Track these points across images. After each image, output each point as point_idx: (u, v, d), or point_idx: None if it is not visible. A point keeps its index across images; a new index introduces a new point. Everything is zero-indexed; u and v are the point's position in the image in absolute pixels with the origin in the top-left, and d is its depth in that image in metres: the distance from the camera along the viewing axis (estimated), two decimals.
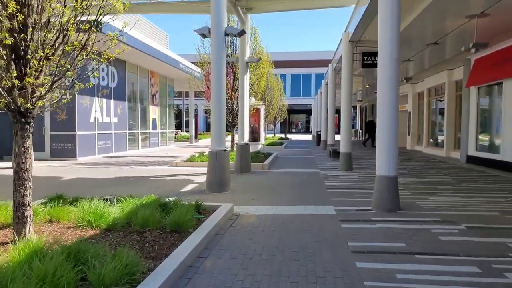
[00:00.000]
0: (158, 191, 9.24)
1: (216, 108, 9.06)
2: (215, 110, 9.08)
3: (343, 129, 13.76)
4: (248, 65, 12.93)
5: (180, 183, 10.61)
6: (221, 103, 9.09)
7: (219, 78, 9.03)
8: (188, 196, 8.54)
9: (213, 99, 9.08)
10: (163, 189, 9.61)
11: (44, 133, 16.75)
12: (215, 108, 9.07)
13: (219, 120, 9.10)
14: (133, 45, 18.20)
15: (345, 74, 13.59)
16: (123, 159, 17.72)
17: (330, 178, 11.82)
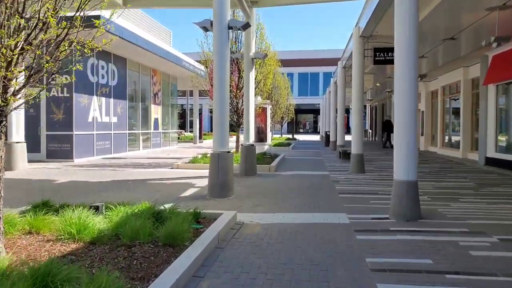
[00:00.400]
0: (155, 196, 8.57)
1: (219, 106, 8.38)
2: (217, 109, 8.39)
3: (355, 129, 13.02)
4: (254, 61, 12.23)
5: (180, 187, 9.92)
6: (224, 101, 8.40)
7: (222, 75, 8.34)
8: (188, 202, 7.86)
9: (216, 97, 8.40)
10: (161, 193, 8.93)
11: (40, 133, 16.13)
12: (218, 106, 8.38)
13: (222, 120, 8.41)
14: (133, 41, 17.56)
15: (356, 71, 12.86)
16: (123, 160, 17.08)
17: (341, 181, 11.09)
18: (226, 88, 8.40)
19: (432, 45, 13.63)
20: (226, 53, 8.33)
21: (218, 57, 8.32)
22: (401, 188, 6.60)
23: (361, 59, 12.75)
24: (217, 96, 8.35)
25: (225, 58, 8.32)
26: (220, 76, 8.31)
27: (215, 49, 8.37)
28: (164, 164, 15.52)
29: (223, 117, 8.39)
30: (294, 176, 12.11)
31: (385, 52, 13.08)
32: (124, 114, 20.56)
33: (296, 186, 10.20)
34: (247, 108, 12.13)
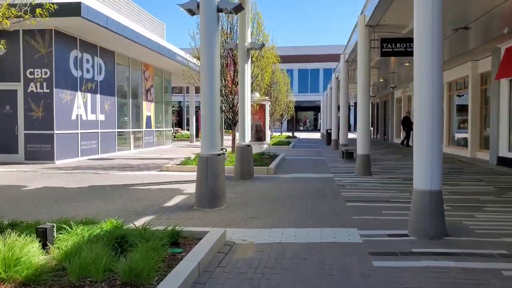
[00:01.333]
0: (134, 206, 7.43)
1: (208, 101, 7.23)
2: (206, 104, 7.25)
3: (361, 127, 11.87)
4: (250, 52, 11.06)
5: (165, 194, 8.76)
6: (213, 95, 7.25)
7: (211, 64, 7.20)
8: (171, 214, 6.73)
9: (204, 90, 7.26)
10: (142, 203, 7.78)
11: (17, 132, 14.92)
12: (206, 101, 7.24)
13: (211, 117, 7.26)
14: (120, 32, 16.39)
15: (362, 64, 11.70)
16: (109, 162, 15.91)
17: (347, 186, 9.94)
18: (216, 80, 7.25)
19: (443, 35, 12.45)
20: (215, 39, 7.17)
21: (206, 43, 7.17)
22: (423, 200, 5.45)
23: (367, 50, 11.59)
24: (205, 88, 7.21)
25: (214, 44, 7.17)
26: (208, 65, 7.17)
27: (202, 35, 7.21)
28: (154, 166, 14.37)
29: (212, 114, 7.25)
30: (295, 180, 10.98)
31: (393, 43, 11.92)
32: (112, 111, 19.37)
33: (297, 192, 9.05)
34: (242, 104, 10.96)
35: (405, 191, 9.03)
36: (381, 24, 11.51)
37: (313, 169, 13.54)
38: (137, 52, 20.23)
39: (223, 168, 7.52)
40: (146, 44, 18.95)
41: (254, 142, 20.72)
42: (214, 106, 7.24)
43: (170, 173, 12.46)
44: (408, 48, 11.79)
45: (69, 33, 15.76)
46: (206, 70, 7.18)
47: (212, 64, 7.18)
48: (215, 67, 7.21)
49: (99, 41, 17.64)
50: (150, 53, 20.59)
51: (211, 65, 7.16)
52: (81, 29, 15.49)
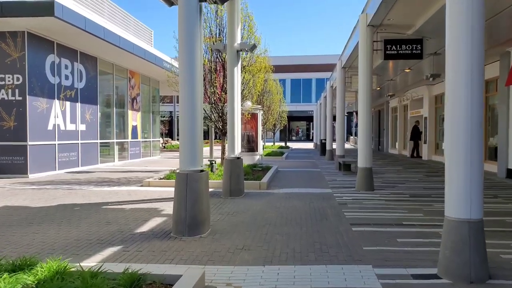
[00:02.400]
0: (101, 232, 6.21)
1: (187, 108, 6.04)
2: (184, 111, 6.06)
3: (362, 137, 10.72)
4: (239, 54, 9.91)
5: (140, 216, 7.52)
6: (194, 100, 6.06)
7: (191, 63, 6.02)
8: (142, 244, 5.51)
9: (182, 95, 6.08)
10: (111, 228, 6.54)
11: None
12: (185, 108, 6.05)
13: (192, 126, 6.07)
14: (100, 35, 15.24)
15: (363, 68, 10.58)
16: (88, 175, 14.63)
17: (349, 204, 8.76)
18: (197, 81, 6.06)
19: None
20: (195, 32, 5.99)
21: (185, 38, 5.99)
22: (459, 232, 4.25)
23: (369, 52, 10.48)
24: (184, 92, 6.03)
25: (194, 39, 5.99)
26: (187, 64, 5.99)
27: (180, 28, 6.01)
28: (135, 180, 13.11)
29: (193, 122, 6.06)
30: (291, 196, 9.78)
31: (397, 45, 10.84)
32: (94, 121, 18.12)
33: (294, 212, 7.84)
34: (231, 112, 9.78)
35: (416, 211, 7.88)
36: (384, 24, 10.44)
37: (310, 183, 12.36)
38: (121, 58, 19.06)
39: (207, 187, 6.32)
40: (131, 49, 17.79)
41: (246, 153, 19.51)
42: (195, 113, 6.05)
43: (151, 188, 11.22)
44: (414, 50, 10.73)
45: (45, 36, 14.55)
46: (185, 70, 6.00)
47: (192, 62, 6.00)
48: (196, 67, 6.04)
49: (79, 46, 16.45)
50: (135, 60, 19.43)
51: (191, 64, 5.99)
52: (58, 31, 14.30)
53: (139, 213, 7.80)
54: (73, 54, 16.45)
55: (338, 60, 17.55)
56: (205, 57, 13.30)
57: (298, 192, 10.47)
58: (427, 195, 9.92)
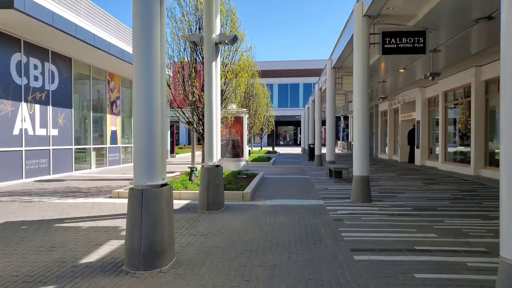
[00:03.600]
0: (37, 263, 4.93)
1: (142, 107, 4.79)
2: (139, 111, 4.80)
3: (359, 142, 9.52)
4: (219, 48, 8.68)
5: (94, 239, 6.23)
6: (151, 99, 4.80)
7: (148, 47, 4.77)
8: (82, 284, 4.24)
9: (138, 87, 4.81)
10: (51, 257, 5.25)
11: None
12: (140, 107, 4.79)
13: (149, 130, 4.81)
14: (73, 33, 13.95)
15: (359, 64, 9.41)
16: (57, 184, 13.26)
17: (345, 220, 7.53)
18: (155, 74, 4.81)
19: (458, 30, 10.25)
20: (154, 11, 4.76)
21: (142, 16, 4.74)
22: None
23: (366, 47, 9.30)
24: (139, 84, 4.77)
25: (153, 17, 4.75)
26: (143, 49, 4.74)
27: (135, 10, 4.77)
28: (107, 190, 11.80)
29: (150, 124, 4.80)
30: (277, 211, 8.54)
31: (397, 38, 9.66)
32: (68, 125, 16.74)
33: (280, 233, 6.61)
34: (209, 113, 8.51)
35: (427, 230, 6.70)
36: (382, 14, 9.28)
37: (299, 193, 11.15)
38: (99, 59, 17.74)
39: (169, 206, 5.06)
40: (107, 49, 16.48)
41: (231, 159, 18.32)
42: (152, 113, 4.78)
43: (120, 200, 9.90)
44: (416, 44, 9.56)
45: (8, 32, 13.21)
46: (140, 55, 4.75)
47: (150, 46, 4.75)
48: (153, 57, 4.79)
49: (50, 44, 15.10)
50: (114, 61, 18.13)
51: (149, 48, 4.74)
52: (23, 27, 12.97)
53: (94, 234, 6.51)
54: (43, 53, 15.10)
55: (328, 60, 16.40)
56: (183, 54, 12.09)
57: (286, 205, 9.25)
58: (432, 208, 8.74)
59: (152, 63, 4.80)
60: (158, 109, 4.88)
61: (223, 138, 18.42)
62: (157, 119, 4.85)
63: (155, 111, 4.82)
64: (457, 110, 18.14)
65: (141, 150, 4.79)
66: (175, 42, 12.11)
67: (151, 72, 4.80)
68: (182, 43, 12.17)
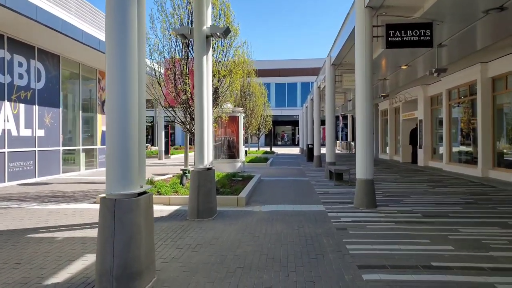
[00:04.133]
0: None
1: (117, 104, 4.08)
2: (113, 108, 4.09)
3: (362, 142, 8.81)
4: (210, 41, 7.97)
5: (68, 253, 5.51)
6: (127, 94, 4.09)
7: (123, 41, 4.07)
8: None
9: (110, 88, 4.10)
10: (13, 276, 4.53)
11: None
12: (114, 104, 4.08)
13: (124, 130, 4.09)
14: (59, 29, 13.24)
15: (362, 58, 8.70)
16: (41, 188, 12.53)
17: (350, 229, 6.81)
18: (131, 61, 4.11)
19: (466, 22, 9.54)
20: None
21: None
22: None
23: (369, 40, 8.60)
24: (113, 77, 4.07)
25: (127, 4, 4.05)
26: (118, 35, 4.04)
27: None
28: (93, 194, 11.08)
29: (126, 120, 4.09)
30: (275, 218, 7.83)
31: (402, 30, 8.94)
32: (55, 126, 16.00)
33: (277, 245, 5.90)
34: (199, 111, 7.79)
35: (441, 241, 6.00)
36: (386, 5, 8.58)
37: (298, 197, 10.44)
38: (89, 57, 17.01)
39: (148, 218, 4.34)
40: (96, 46, 15.74)
41: (226, 160, 17.62)
42: (127, 109, 4.07)
43: None
44: (422, 37, 8.85)
45: None
46: (114, 49, 4.05)
47: (126, 38, 4.04)
48: (129, 46, 4.08)
49: (36, 41, 14.36)
50: (105, 59, 17.35)
51: (123, 41, 4.03)
52: (6, 22, 12.26)
53: (69, 247, 5.79)
54: (29, 50, 14.36)
55: (327, 57, 15.69)
56: (174, 51, 11.36)
57: (283, 211, 8.54)
58: (444, 214, 8.04)
59: (128, 53, 4.09)
60: (134, 106, 4.16)
61: (218, 138, 17.72)
62: (132, 118, 4.13)
63: (130, 109, 4.11)
64: (462, 108, 17.44)
65: (114, 153, 4.07)
66: (165, 38, 11.38)
67: (127, 64, 4.09)
68: (173, 39, 11.45)
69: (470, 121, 16.61)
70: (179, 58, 11.45)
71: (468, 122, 16.80)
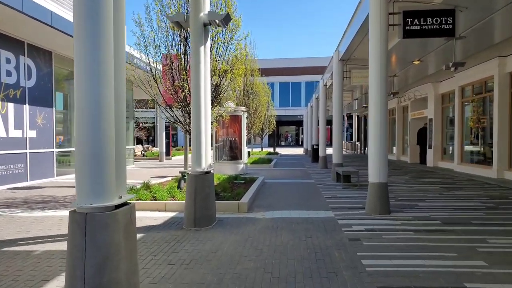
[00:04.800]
0: None
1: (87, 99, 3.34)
2: (82, 101, 3.35)
3: (376, 142, 8.06)
4: (208, 30, 7.24)
5: (42, 272, 4.78)
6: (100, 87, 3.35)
7: (94, 20, 3.33)
8: None
9: (78, 78, 3.35)
10: None
11: None
12: (83, 97, 3.34)
13: (94, 130, 3.33)
14: (47, 21, 12.52)
15: (377, 47, 7.94)
16: (31, 193, 11.82)
17: (364, 240, 6.05)
18: (105, 45, 3.37)
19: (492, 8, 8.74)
20: None
21: None
22: None
23: (384, 28, 7.84)
24: (81, 68, 3.33)
25: None
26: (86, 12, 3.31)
27: None
28: None
29: (98, 117, 3.35)
30: (279, 225, 7.09)
31: (422, 18, 8.17)
32: (49, 126, 15.30)
33: (282, 260, 5.16)
34: (196, 108, 7.05)
35: (470, 254, 5.24)
36: None
37: (304, 201, 9.69)
38: None
39: (130, 233, 3.60)
40: None
41: (228, 162, 16.90)
42: (99, 104, 3.34)
43: None
44: (444, 25, 8.08)
45: None
46: (84, 28, 3.32)
47: (97, 17, 3.31)
48: (102, 27, 3.35)
49: (25, 36, 13.65)
50: None
51: (94, 20, 3.30)
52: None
53: (46, 263, 5.06)
54: (18, 46, 13.65)
55: (335, 52, 14.92)
56: (171, 44, 10.65)
57: (289, 218, 7.79)
58: (466, 221, 7.28)
59: (102, 33, 3.36)
60: (108, 100, 3.42)
61: (220, 139, 17.00)
62: (106, 114, 3.40)
63: (104, 104, 3.36)
64: (476, 106, 16.63)
65: (84, 157, 3.33)
66: (162, 30, 10.66)
67: (99, 50, 3.36)
68: (170, 32, 10.73)
69: (484, 119, 15.81)
70: (178, 52, 10.75)
71: (482, 121, 16.01)
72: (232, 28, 10.96)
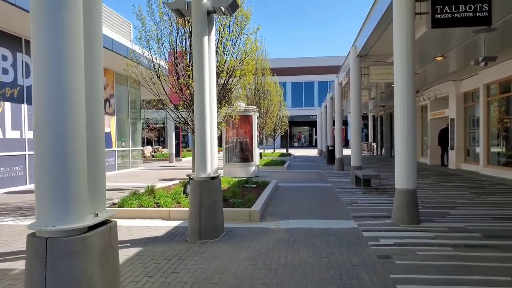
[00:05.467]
0: None
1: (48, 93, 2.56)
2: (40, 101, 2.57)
3: (404, 144, 7.18)
4: (213, 19, 6.44)
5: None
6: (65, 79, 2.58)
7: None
8: None
9: (36, 71, 2.58)
10: None
11: None
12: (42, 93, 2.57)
13: (57, 131, 2.58)
14: None
15: (403, 38, 7.05)
16: (29, 197, 11.11)
17: (395, 257, 5.17)
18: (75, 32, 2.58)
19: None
20: None
21: None
22: None
23: (410, 17, 6.97)
24: (39, 56, 2.55)
25: None
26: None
27: None
28: None
29: (62, 116, 2.58)
30: (295, 238, 6.25)
31: (452, 5, 7.27)
32: None
33: (303, 286, 4.34)
34: (200, 105, 6.24)
35: None
36: None
37: (322, 209, 8.83)
38: None
39: (111, 258, 2.82)
40: None
41: (238, 164, 16.11)
42: (63, 99, 2.56)
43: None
44: (479, 12, 7.17)
45: None
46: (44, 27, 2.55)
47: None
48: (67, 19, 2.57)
49: (23, 32, 12.96)
50: (103, 53, 15.95)
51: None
52: None
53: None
54: (15, 42, 12.97)
55: (352, 47, 14.03)
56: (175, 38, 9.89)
57: (306, 228, 6.95)
58: (510, 234, 6.37)
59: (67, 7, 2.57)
60: (75, 94, 2.63)
61: (230, 140, 16.21)
62: (74, 112, 2.61)
63: (70, 99, 2.59)
64: (504, 104, 15.60)
65: (45, 166, 2.55)
66: (165, 24, 9.90)
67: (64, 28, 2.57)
68: (174, 26, 9.97)
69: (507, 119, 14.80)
70: (182, 48, 9.99)
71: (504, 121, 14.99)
72: (241, 21, 10.17)
